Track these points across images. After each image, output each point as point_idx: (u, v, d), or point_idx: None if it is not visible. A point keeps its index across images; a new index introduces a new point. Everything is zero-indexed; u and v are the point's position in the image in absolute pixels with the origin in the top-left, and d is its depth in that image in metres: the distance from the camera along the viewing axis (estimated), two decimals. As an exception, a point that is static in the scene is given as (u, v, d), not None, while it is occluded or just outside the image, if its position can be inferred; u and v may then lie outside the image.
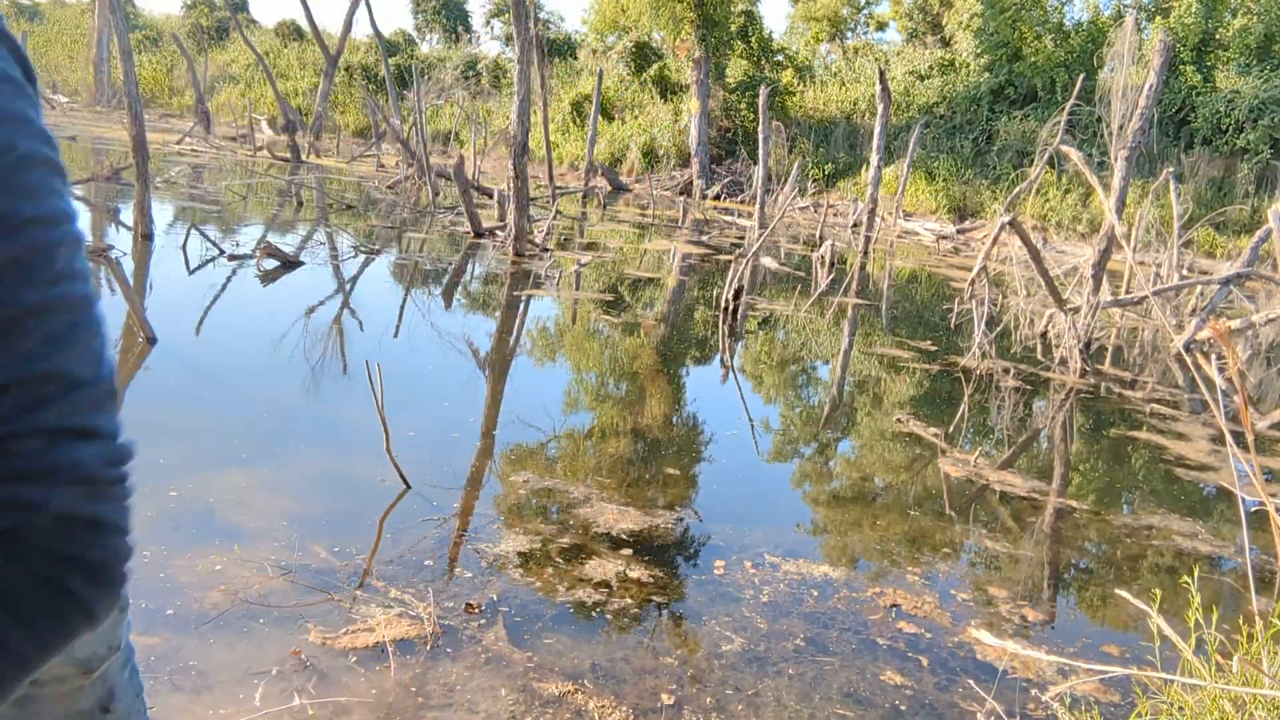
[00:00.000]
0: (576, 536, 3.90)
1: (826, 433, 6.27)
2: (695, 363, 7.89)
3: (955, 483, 5.23)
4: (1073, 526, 4.84)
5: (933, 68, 26.01)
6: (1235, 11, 22.15)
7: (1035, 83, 23.61)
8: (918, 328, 10.28)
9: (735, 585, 3.66)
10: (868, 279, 13.97)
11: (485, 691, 2.75)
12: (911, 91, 25.52)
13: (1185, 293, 12.21)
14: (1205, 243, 18.85)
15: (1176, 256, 12.85)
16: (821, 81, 27.96)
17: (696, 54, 24.97)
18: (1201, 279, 10.96)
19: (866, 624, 3.47)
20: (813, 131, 26.05)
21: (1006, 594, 3.90)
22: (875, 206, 16.84)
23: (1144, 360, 9.93)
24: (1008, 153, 22.80)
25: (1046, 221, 20.70)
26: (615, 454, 5.13)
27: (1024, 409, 7.19)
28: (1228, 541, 4.74)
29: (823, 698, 2.93)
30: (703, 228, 18.45)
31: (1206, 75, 21.75)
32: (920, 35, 30.17)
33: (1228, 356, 1.76)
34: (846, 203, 23.17)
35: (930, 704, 2.97)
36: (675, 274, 12.55)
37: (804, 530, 4.45)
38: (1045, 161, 10.94)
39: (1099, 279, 8.95)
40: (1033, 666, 3.28)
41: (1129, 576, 4.26)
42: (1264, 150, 20.04)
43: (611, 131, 27.09)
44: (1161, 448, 6.44)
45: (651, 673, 2.97)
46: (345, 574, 3.36)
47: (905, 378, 7.82)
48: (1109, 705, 3.08)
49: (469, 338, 7.53)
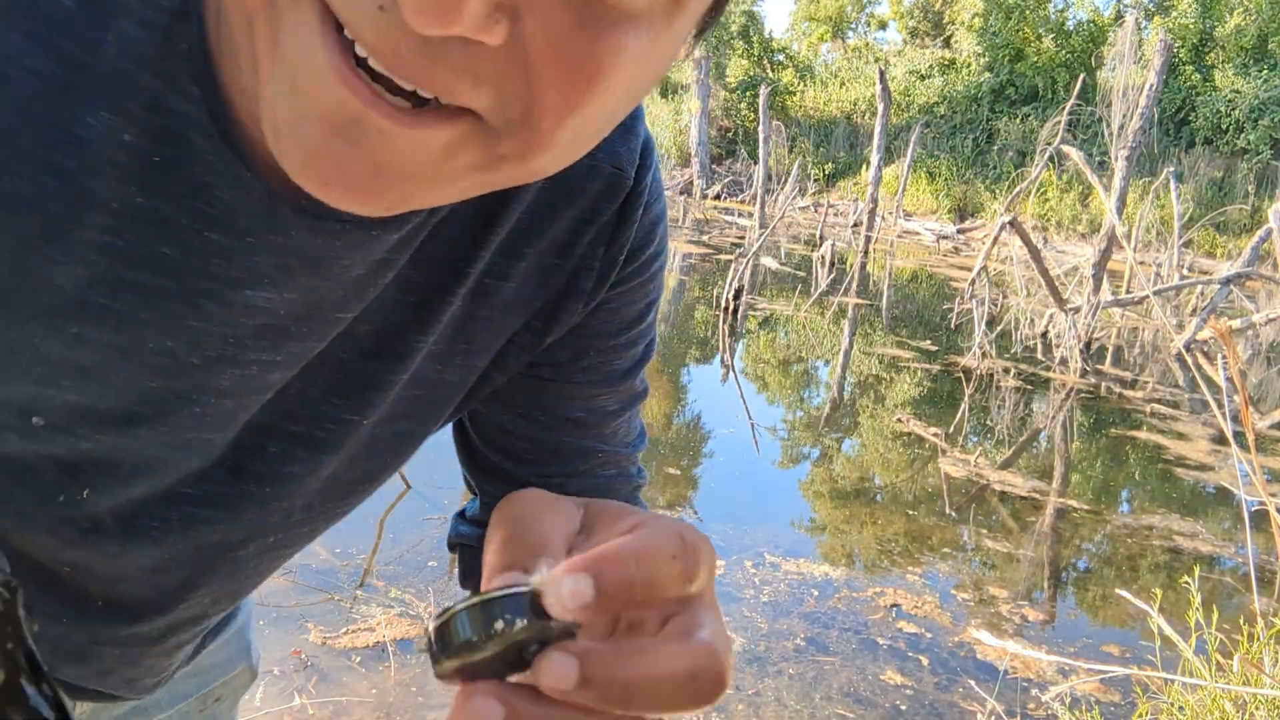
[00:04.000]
0: (577, 536, 3.90)
1: (827, 432, 6.27)
2: (695, 362, 7.90)
3: (955, 483, 5.23)
4: (1073, 526, 4.84)
5: (933, 67, 26.02)
6: (1231, 10, 22.16)
7: (1036, 82, 23.62)
8: (918, 327, 10.28)
9: (735, 585, 3.66)
10: (868, 279, 13.97)
11: (485, 691, 2.75)
12: (912, 91, 25.53)
13: (1185, 293, 12.21)
14: (1205, 243, 18.86)
15: (1177, 256, 12.85)
16: (822, 81, 27.98)
17: (696, 53, 24.98)
18: (1202, 279, 10.97)
19: (867, 624, 3.47)
20: (813, 131, 26.07)
21: (1006, 594, 3.90)
22: (875, 206, 16.84)
23: (1144, 360, 9.93)
24: (1008, 152, 22.81)
25: (1046, 221, 20.71)
26: (615, 454, 5.12)
27: (1024, 409, 7.19)
28: (1228, 541, 4.74)
29: (823, 697, 2.93)
30: (703, 227, 18.46)
31: (1206, 75, 21.76)
32: (921, 35, 30.19)
33: (1228, 356, 1.76)
34: (847, 203, 23.18)
35: (930, 704, 2.97)
36: (675, 274, 12.56)
37: (804, 530, 4.46)
38: (1046, 161, 10.94)
39: (1099, 279, 8.95)
40: (1033, 666, 3.28)
41: (1129, 576, 4.27)
42: (1264, 150, 20.05)
43: (612, 131, 27.09)
44: (1161, 448, 6.44)
45: (652, 672, 2.96)
46: (346, 574, 3.37)
47: (905, 377, 7.83)
48: (1109, 705, 3.08)
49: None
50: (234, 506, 0.56)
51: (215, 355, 0.49)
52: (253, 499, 0.56)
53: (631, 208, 0.59)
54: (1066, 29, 24.40)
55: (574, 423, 0.64)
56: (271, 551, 0.62)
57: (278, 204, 0.44)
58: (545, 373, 0.62)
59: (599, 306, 0.61)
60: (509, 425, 0.64)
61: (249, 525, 0.58)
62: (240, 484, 0.55)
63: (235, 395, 0.51)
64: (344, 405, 0.55)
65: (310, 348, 0.52)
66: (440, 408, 0.60)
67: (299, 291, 0.48)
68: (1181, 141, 21.54)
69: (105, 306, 0.45)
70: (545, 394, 0.63)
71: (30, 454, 0.50)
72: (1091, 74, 21.23)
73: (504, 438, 0.65)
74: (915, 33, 30.41)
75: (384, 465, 0.61)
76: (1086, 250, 11.48)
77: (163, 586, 0.59)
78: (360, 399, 0.55)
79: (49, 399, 0.48)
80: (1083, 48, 23.39)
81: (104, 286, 0.45)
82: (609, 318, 0.62)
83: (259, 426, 0.54)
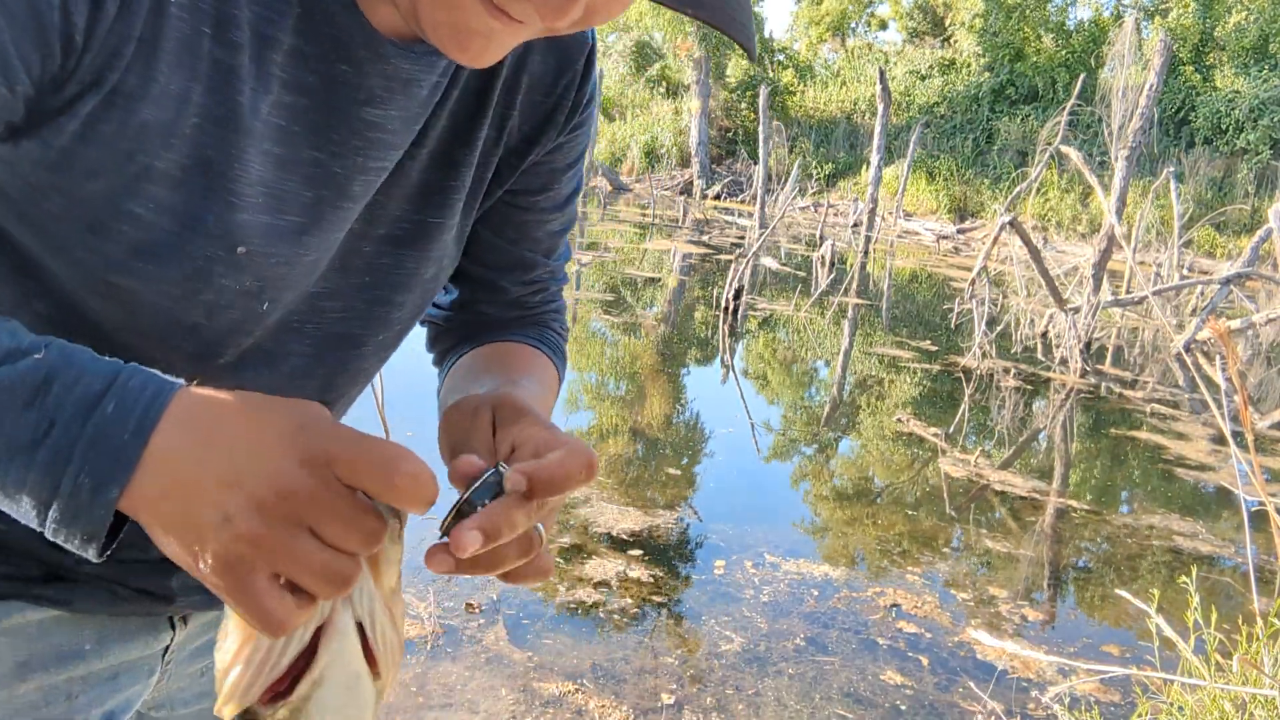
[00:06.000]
0: (576, 536, 3.90)
1: (827, 432, 6.27)
2: (695, 363, 7.90)
3: (955, 483, 5.23)
4: (1073, 526, 4.84)
5: (933, 67, 26.00)
6: (1231, 10, 22.15)
7: (1036, 82, 23.61)
8: (918, 327, 10.28)
9: (735, 585, 3.66)
10: (868, 279, 13.97)
11: (485, 691, 2.75)
12: (912, 91, 25.51)
13: (1185, 293, 12.21)
14: (1205, 243, 18.85)
15: (1177, 256, 12.85)
16: (822, 81, 27.97)
17: (697, 53, 24.98)
18: (1201, 279, 10.97)
19: (867, 624, 3.48)
20: (813, 131, 26.06)
21: (1006, 594, 3.90)
22: (875, 206, 16.84)
23: (1144, 360, 9.93)
24: (1008, 152, 22.80)
25: (1046, 221, 20.70)
26: (615, 454, 5.13)
27: (1024, 409, 7.19)
28: (1228, 541, 4.74)
29: (823, 697, 2.94)
30: (703, 227, 18.45)
31: (1206, 75, 21.75)
32: (921, 35, 30.17)
33: (1227, 356, 1.76)
34: (847, 203, 23.16)
35: (930, 704, 2.97)
36: (675, 274, 12.56)
37: (804, 530, 4.46)
38: (1046, 161, 10.94)
39: (1099, 279, 8.95)
40: (1033, 666, 3.28)
41: (1129, 576, 4.27)
42: (1264, 150, 20.03)
43: (612, 131, 27.10)
44: (1161, 448, 6.44)
45: (652, 672, 2.97)
46: (345, 574, 3.36)
47: (905, 377, 7.83)
48: (1109, 705, 3.08)
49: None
50: (349, 297, 0.74)
51: (350, 164, 0.67)
52: (359, 291, 0.74)
53: (591, 61, 0.80)
54: (1066, 29, 24.39)
55: (534, 240, 0.87)
56: (381, 351, 0.81)
57: (381, 40, 0.64)
58: (521, 201, 0.84)
59: (557, 149, 0.82)
60: (491, 242, 0.86)
61: (361, 317, 0.75)
62: (348, 276, 0.73)
63: (359, 199, 0.69)
64: (413, 209, 0.74)
65: (397, 157, 0.70)
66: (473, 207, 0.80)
67: (396, 108, 0.67)
68: (1181, 141, 21.53)
69: (277, 125, 0.63)
70: (516, 219, 0.85)
71: (228, 285, 0.64)
72: (1091, 74, 21.22)
73: (487, 253, 0.86)
74: (915, 33, 30.39)
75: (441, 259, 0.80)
76: (1086, 250, 11.48)
77: (305, 391, 0.75)
78: (426, 203, 0.75)
79: (250, 225, 0.63)
80: (1083, 48, 23.37)
81: (277, 109, 0.63)
82: (568, 153, 0.83)
83: (355, 233, 0.72)
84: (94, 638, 0.79)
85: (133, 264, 0.61)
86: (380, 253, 0.74)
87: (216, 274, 0.63)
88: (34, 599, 0.76)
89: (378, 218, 0.72)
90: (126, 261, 0.61)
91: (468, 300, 0.90)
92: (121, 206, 0.59)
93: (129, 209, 0.59)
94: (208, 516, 0.48)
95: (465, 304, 0.90)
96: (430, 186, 0.74)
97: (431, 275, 0.79)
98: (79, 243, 0.60)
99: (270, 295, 0.67)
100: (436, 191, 0.74)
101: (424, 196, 0.74)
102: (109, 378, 0.50)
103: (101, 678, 0.80)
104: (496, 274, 0.88)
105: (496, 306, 0.89)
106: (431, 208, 0.75)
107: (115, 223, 0.59)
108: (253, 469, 0.49)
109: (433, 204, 0.75)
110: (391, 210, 0.73)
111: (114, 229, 0.59)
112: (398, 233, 0.74)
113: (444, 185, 0.75)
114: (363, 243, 0.72)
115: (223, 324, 0.66)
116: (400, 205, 0.73)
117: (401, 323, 0.79)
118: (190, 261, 0.62)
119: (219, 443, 0.50)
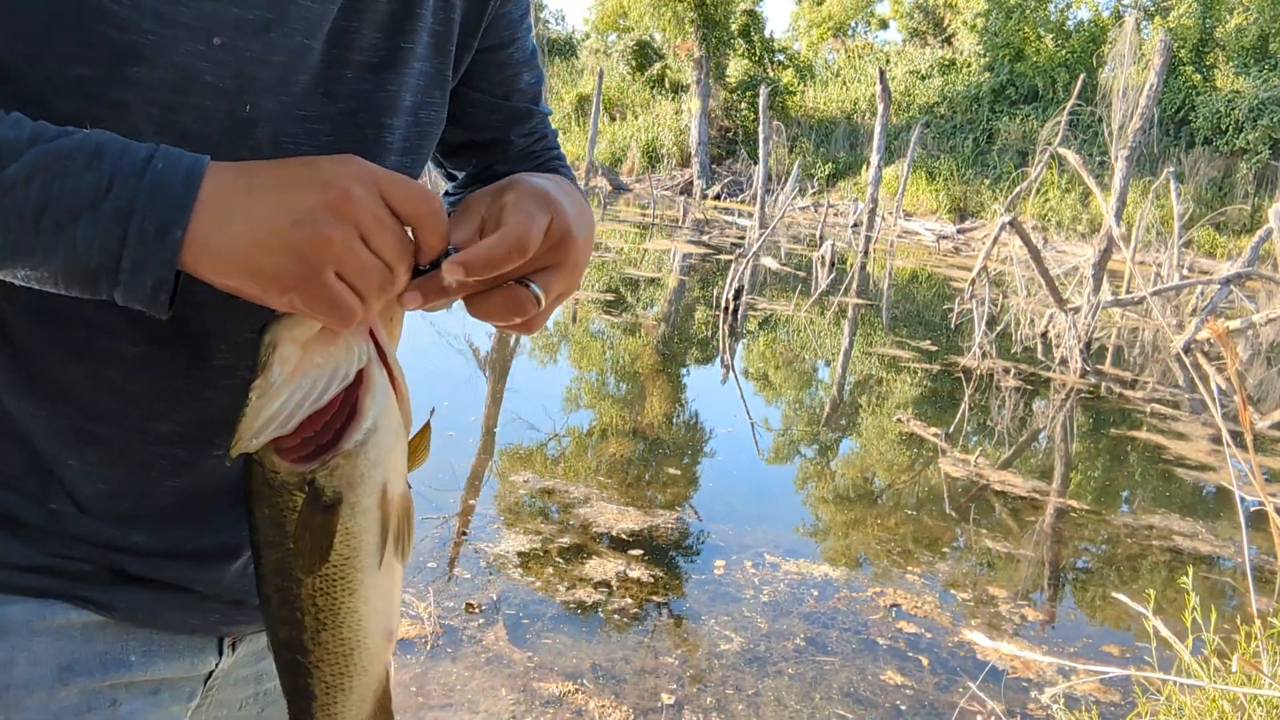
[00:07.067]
0: (576, 536, 3.90)
1: (827, 432, 6.27)
2: (695, 363, 7.90)
3: (955, 483, 5.23)
4: (1072, 526, 4.84)
5: (933, 67, 25.99)
6: (1231, 10, 22.15)
7: (1036, 82, 23.59)
8: (918, 328, 10.28)
9: (735, 585, 3.66)
10: (868, 279, 13.97)
11: (486, 691, 2.75)
12: (912, 91, 25.50)
13: (1185, 293, 12.21)
14: (1205, 243, 18.84)
15: (1177, 256, 12.85)
16: (822, 81, 27.95)
17: (697, 53, 24.97)
18: (1201, 279, 10.98)
19: (866, 624, 3.48)
20: (813, 131, 26.04)
21: (1006, 594, 3.91)
22: (875, 206, 16.83)
23: (1144, 360, 9.93)
24: (1008, 152, 22.79)
25: (1046, 221, 20.70)
26: (615, 454, 5.13)
27: (1024, 409, 7.20)
28: (1227, 541, 4.74)
29: (823, 697, 2.94)
30: (703, 227, 18.45)
31: (1206, 75, 21.75)
32: (921, 35, 30.17)
33: (1227, 356, 1.76)
34: (847, 203, 23.16)
35: (930, 704, 2.97)
36: (675, 274, 12.56)
37: (804, 530, 4.46)
38: (1046, 161, 10.94)
39: (1099, 279, 8.95)
40: (1033, 666, 3.28)
41: (1129, 576, 4.27)
42: (1264, 150, 20.03)
43: (612, 131, 27.09)
44: (1161, 448, 6.44)
45: (652, 672, 2.97)
46: (346, 574, 3.36)
47: (906, 377, 7.83)
48: (1109, 705, 3.08)
49: (468, 337, 7.53)
50: (339, 123, 0.77)
51: None
52: (349, 116, 0.78)
53: None
54: (1066, 29, 24.38)
55: (520, 92, 0.95)
56: None
57: None
58: (496, 57, 0.92)
59: (499, 15, 0.90)
60: (485, 101, 0.93)
61: (355, 141, 0.78)
62: (335, 103, 0.76)
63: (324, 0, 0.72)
64: (386, 36, 0.79)
65: None
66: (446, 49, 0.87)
67: None
68: (1181, 141, 21.52)
69: None
70: (496, 76, 0.93)
71: (210, 82, 0.67)
72: (1091, 74, 21.22)
73: (491, 113, 0.94)
74: (915, 33, 30.39)
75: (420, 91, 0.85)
76: (1086, 250, 11.48)
77: None
78: (398, 29, 0.80)
79: (220, 14, 0.66)
80: (1083, 48, 23.35)
81: None
82: (514, 8, 0.91)
83: (334, 59, 0.75)
84: (139, 649, 0.79)
85: (124, 71, 0.64)
86: (361, 79, 0.78)
87: (201, 71, 0.66)
88: (78, 600, 0.76)
89: (354, 44, 0.77)
90: (118, 69, 0.64)
91: (482, 168, 0.98)
92: (103, 6, 0.62)
93: (110, 8, 0.62)
94: (277, 221, 0.57)
95: (480, 171, 0.99)
96: (398, 14, 0.79)
97: (413, 104, 0.83)
98: (70, 56, 0.63)
99: (249, 98, 0.70)
100: (405, 18, 0.80)
101: (395, 23, 0.79)
102: (151, 147, 0.58)
103: (144, 690, 0.80)
104: (501, 130, 0.96)
105: (509, 163, 0.97)
106: (403, 34, 0.80)
107: (97, 25, 0.62)
108: (311, 178, 0.58)
109: (404, 30, 0.80)
110: (366, 37, 0.78)
111: (98, 33, 0.63)
112: (375, 60, 0.79)
113: (411, 12, 0.80)
114: (344, 69, 0.77)
115: (214, 130, 0.69)
116: (374, 33, 0.78)
117: (395, 153, 0.82)
118: (175, 60, 0.65)
119: (266, 172, 0.59)
